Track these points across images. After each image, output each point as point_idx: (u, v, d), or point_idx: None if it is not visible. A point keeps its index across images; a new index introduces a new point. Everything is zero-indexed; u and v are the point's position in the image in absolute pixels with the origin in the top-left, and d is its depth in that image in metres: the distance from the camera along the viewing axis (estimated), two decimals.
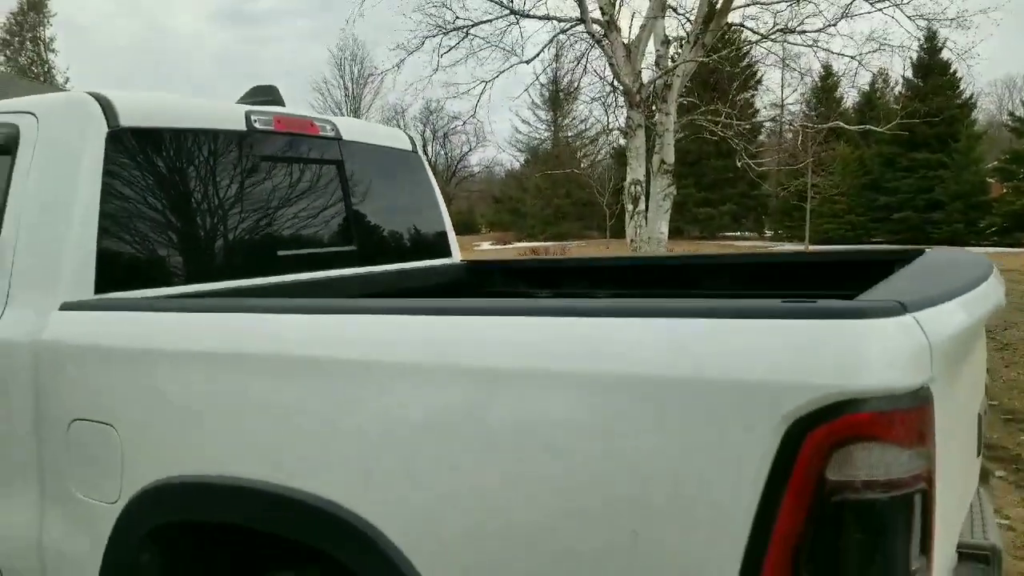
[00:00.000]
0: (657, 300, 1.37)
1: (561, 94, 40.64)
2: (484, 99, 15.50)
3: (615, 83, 14.21)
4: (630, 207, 14.30)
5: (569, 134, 45.92)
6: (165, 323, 1.91)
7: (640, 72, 14.19)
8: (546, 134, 47.71)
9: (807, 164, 22.98)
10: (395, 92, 44.64)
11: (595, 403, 1.30)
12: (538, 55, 15.06)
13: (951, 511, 1.47)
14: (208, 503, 1.77)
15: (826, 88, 31.56)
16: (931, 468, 1.20)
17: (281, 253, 2.72)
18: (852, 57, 14.62)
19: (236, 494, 1.70)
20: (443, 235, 3.52)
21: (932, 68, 32.77)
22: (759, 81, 28.69)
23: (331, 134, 2.99)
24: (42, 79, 40.77)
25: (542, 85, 37.95)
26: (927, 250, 2.53)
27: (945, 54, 28.06)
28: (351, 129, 3.10)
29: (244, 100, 2.93)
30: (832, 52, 14.67)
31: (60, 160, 2.23)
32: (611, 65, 13.71)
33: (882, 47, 14.24)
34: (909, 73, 32.35)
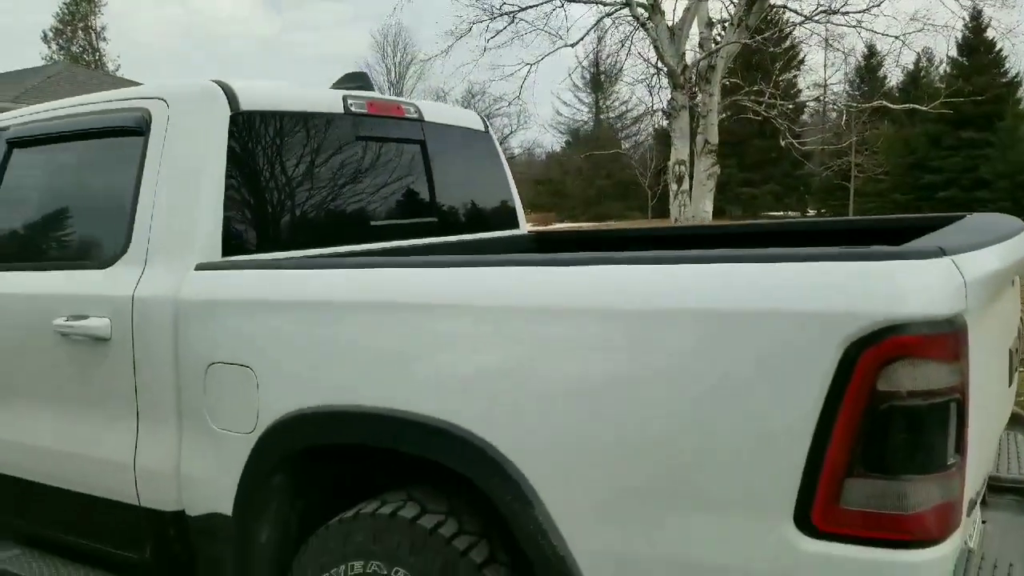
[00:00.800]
0: (746, 251, 1.62)
1: (602, 76, 40.55)
2: (528, 81, 15.73)
3: (659, 65, 14.31)
4: (674, 186, 14.42)
5: (611, 116, 45.90)
6: (292, 279, 2.21)
7: (684, 54, 14.27)
8: (587, 115, 47.74)
9: (851, 143, 22.81)
10: (439, 76, 45.17)
11: (698, 331, 1.57)
12: (583, 39, 15.23)
13: (984, 422, 1.70)
14: (336, 428, 2.06)
15: (870, 68, 31.20)
16: (964, 382, 1.45)
17: (373, 223, 3.02)
18: (896, 37, 14.56)
19: (361, 419, 1.99)
20: (512, 208, 3.79)
21: (977, 47, 32.22)
22: (801, 61, 28.44)
23: (415, 116, 3.27)
24: (93, 66, 41.79)
25: (583, 67, 37.86)
26: (968, 215, 2.74)
27: (990, 33, 27.58)
28: (432, 111, 3.37)
29: (337, 85, 3.21)
30: (876, 32, 14.62)
31: (189, 140, 2.53)
32: (655, 47, 13.80)
33: (926, 27, 14.15)
34: (954, 52, 31.83)
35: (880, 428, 1.42)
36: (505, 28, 14.62)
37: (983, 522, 2.17)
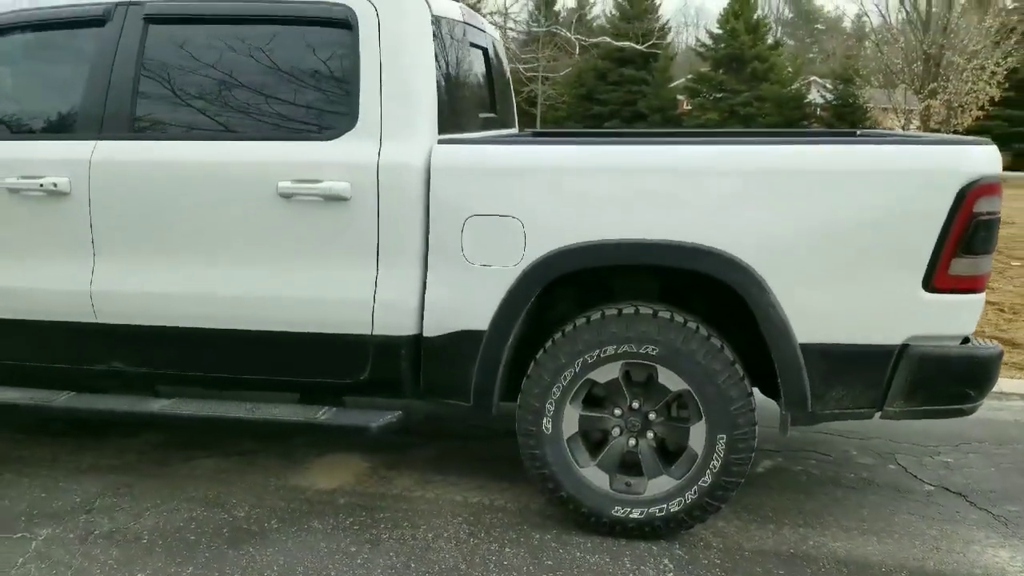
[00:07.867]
0: (902, 138, 2.82)
1: None
2: None
3: None
4: None
5: None
6: (555, 152, 3.06)
7: None
8: None
9: (559, 74, 25.13)
10: None
11: (880, 180, 2.76)
12: None
13: None
14: (596, 256, 2.93)
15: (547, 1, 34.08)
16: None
17: (481, 115, 3.78)
18: None
19: (614, 247, 2.90)
20: (513, 110, 4.67)
21: None
22: None
23: (483, 28, 4.01)
24: None
25: None
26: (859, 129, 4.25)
27: None
28: (485, 25, 4.12)
29: None
30: None
31: (403, 40, 3.08)
32: None
33: None
34: None
35: (972, 231, 2.74)
36: None
37: None
